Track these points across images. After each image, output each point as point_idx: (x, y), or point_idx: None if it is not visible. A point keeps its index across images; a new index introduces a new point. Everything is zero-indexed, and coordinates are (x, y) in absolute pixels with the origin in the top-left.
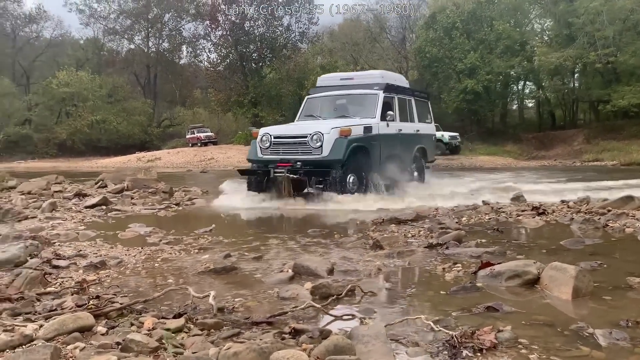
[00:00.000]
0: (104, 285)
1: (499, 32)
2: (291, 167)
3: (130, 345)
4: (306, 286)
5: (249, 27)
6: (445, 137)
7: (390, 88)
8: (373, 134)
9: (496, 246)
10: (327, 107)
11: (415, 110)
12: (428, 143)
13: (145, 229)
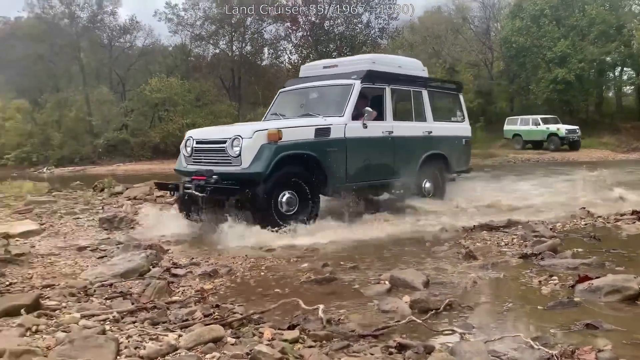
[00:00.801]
0: (220, 294)
1: (592, 17)
2: (203, 183)
3: (258, 356)
4: (405, 299)
5: (328, 26)
6: (561, 131)
7: (377, 76)
8: (331, 138)
9: (594, 256)
10: (296, 103)
11: (429, 105)
12: (451, 148)
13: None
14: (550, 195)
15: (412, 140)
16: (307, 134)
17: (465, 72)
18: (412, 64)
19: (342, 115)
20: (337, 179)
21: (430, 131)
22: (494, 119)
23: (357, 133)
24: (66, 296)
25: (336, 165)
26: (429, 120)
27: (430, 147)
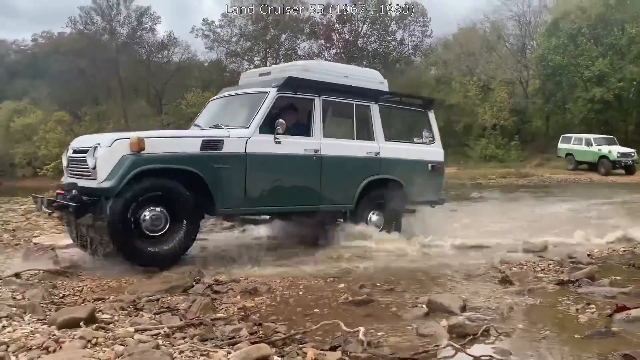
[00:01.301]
0: (262, 312)
1: (632, 36)
2: (62, 197)
3: None
4: (442, 324)
5: (362, 43)
6: (612, 153)
7: (302, 85)
8: (224, 152)
9: (632, 285)
10: (216, 112)
11: (380, 122)
12: (410, 174)
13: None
14: (572, 222)
15: (350, 161)
16: (191, 146)
17: (499, 89)
18: (363, 74)
19: (248, 127)
20: (230, 200)
21: (377, 152)
22: (528, 137)
23: (265, 149)
24: (117, 310)
25: (229, 185)
26: (379, 139)
27: (378, 171)
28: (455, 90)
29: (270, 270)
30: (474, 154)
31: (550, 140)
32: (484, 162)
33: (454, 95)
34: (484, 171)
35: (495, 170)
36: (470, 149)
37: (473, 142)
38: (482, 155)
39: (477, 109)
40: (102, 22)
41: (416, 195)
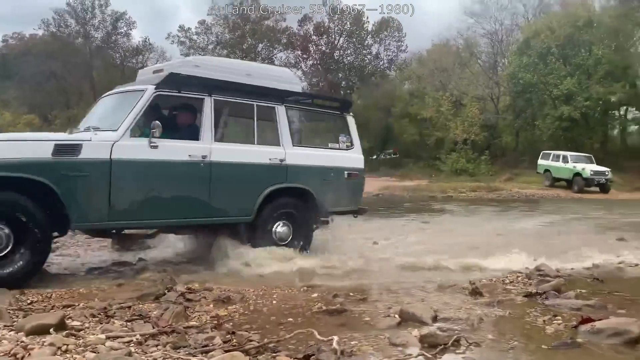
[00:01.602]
0: (235, 321)
1: (598, 57)
2: None
3: None
4: (414, 333)
5: (338, 56)
6: (586, 171)
7: (187, 83)
8: (82, 158)
9: (596, 297)
10: (98, 112)
11: (287, 125)
12: (323, 182)
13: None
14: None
15: (248, 169)
16: (40, 152)
17: (471, 105)
18: (270, 73)
19: (117, 129)
20: (89, 214)
21: (282, 159)
22: (498, 153)
23: (137, 155)
24: (87, 317)
25: (88, 196)
26: (285, 144)
27: (283, 179)
28: (429, 104)
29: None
30: (446, 167)
31: (519, 155)
32: (455, 175)
33: (427, 109)
34: (455, 184)
35: (465, 184)
36: (442, 163)
37: (445, 155)
38: (453, 168)
39: (449, 123)
40: (76, 26)
41: (331, 204)
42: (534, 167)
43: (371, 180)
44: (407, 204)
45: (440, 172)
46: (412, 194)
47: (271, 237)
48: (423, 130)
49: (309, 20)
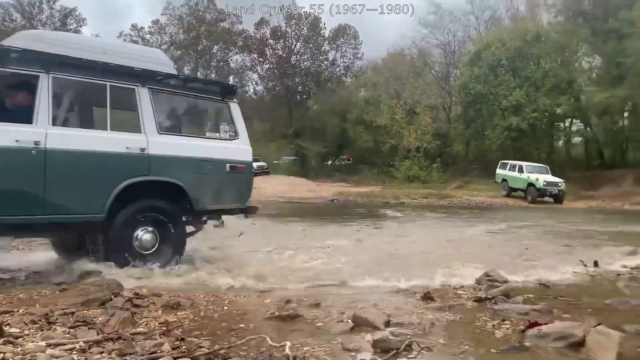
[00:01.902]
0: (185, 327)
1: (546, 70)
2: None
3: None
4: (367, 338)
5: (295, 60)
6: (539, 182)
7: (18, 58)
8: None
9: (543, 302)
10: None
11: (151, 110)
12: (199, 176)
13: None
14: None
15: (97, 158)
16: None
17: (424, 114)
18: (133, 51)
19: None
20: None
21: (144, 147)
22: (450, 161)
23: None
24: (27, 323)
25: None
26: (148, 131)
27: (145, 171)
28: (383, 112)
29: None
30: (399, 174)
31: (469, 164)
32: (408, 182)
33: (382, 117)
34: (408, 191)
35: (418, 191)
36: (396, 170)
37: (398, 162)
38: (406, 175)
39: (403, 131)
40: (22, 20)
41: (209, 202)
42: (483, 175)
43: (326, 185)
44: (361, 209)
45: (393, 178)
46: (366, 199)
47: (131, 246)
48: (378, 137)
49: (266, 23)
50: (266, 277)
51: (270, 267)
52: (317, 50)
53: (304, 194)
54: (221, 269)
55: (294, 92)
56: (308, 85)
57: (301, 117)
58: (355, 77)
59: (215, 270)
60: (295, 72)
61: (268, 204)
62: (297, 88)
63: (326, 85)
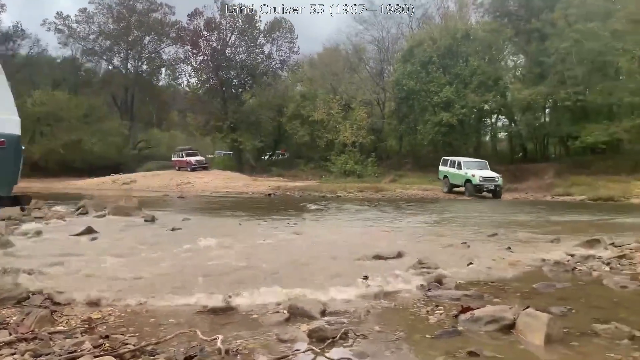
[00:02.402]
0: (110, 323)
1: (474, 68)
2: None
3: None
4: (303, 328)
5: (230, 53)
6: (475, 177)
7: None
8: None
9: (474, 288)
10: None
11: None
12: None
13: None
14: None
15: None
16: None
17: (359, 109)
18: None
19: None
20: None
21: None
22: (384, 155)
23: None
24: None
25: None
26: None
27: None
28: (319, 107)
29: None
30: (335, 168)
31: (402, 158)
32: (344, 176)
33: (318, 111)
34: (344, 185)
35: (354, 185)
36: (332, 164)
37: (334, 157)
38: (342, 170)
39: (339, 126)
40: None
41: None
42: (416, 169)
43: (263, 180)
44: (299, 203)
45: (330, 173)
46: (303, 194)
47: None
48: (314, 131)
49: (200, 15)
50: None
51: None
52: (253, 43)
53: (240, 189)
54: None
55: (229, 85)
56: (243, 78)
57: (237, 110)
58: (291, 71)
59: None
60: (230, 65)
61: (202, 199)
62: (232, 81)
63: (262, 79)
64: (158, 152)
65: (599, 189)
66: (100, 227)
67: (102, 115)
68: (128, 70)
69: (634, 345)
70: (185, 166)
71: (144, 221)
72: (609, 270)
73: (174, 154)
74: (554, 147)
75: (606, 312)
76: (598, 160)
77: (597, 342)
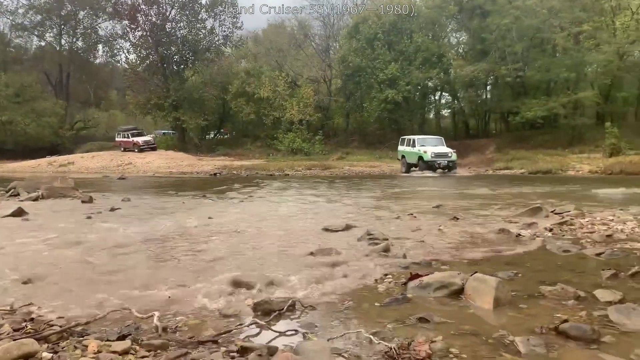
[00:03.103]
0: (35, 304)
1: (418, 45)
2: None
3: None
4: (247, 302)
5: (170, 28)
6: (427, 154)
7: None
8: None
9: (422, 256)
10: None
11: None
12: None
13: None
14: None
15: None
16: None
17: (306, 86)
18: None
19: None
20: None
21: None
22: (331, 133)
23: None
24: None
25: None
26: None
27: None
28: (265, 84)
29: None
30: (282, 146)
31: (349, 135)
32: (292, 154)
33: (264, 89)
34: (292, 163)
35: (301, 163)
36: (279, 142)
37: (281, 135)
38: (289, 148)
39: (285, 103)
40: None
41: None
42: (362, 146)
43: (208, 159)
44: (244, 182)
45: (277, 151)
46: (250, 172)
47: None
48: (260, 109)
49: None
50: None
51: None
52: (194, 18)
53: (184, 169)
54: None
55: (170, 62)
56: (185, 54)
57: (179, 88)
58: (235, 47)
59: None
60: (170, 41)
61: (142, 180)
62: (173, 58)
63: (204, 55)
64: (97, 133)
65: (537, 163)
66: (31, 209)
67: (35, 95)
68: (62, 47)
69: (579, 305)
70: (132, 147)
71: (80, 202)
72: (551, 236)
73: (117, 134)
74: (495, 123)
75: (551, 275)
76: (536, 135)
77: (545, 304)
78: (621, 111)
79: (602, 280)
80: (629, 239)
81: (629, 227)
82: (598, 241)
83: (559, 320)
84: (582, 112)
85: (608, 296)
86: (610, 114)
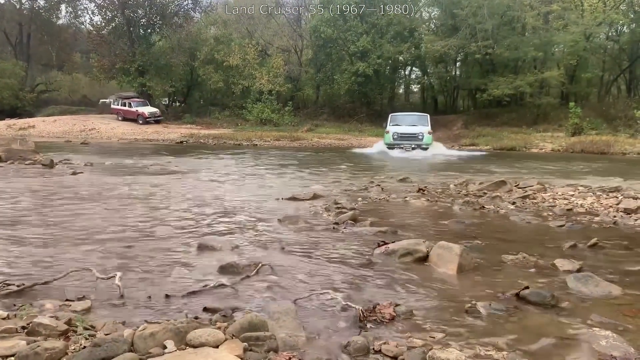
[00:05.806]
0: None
1: (390, 17)
2: None
3: (37, 329)
4: (213, 264)
5: None
6: (389, 135)
7: None
8: None
9: (387, 226)
10: None
11: None
12: None
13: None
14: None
15: None
16: None
17: (276, 56)
18: None
19: None
20: None
21: None
22: (301, 104)
23: None
24: None
25: None
26: None
27: None
28: (235, 52)
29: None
30: (251, 116)
31: (319, 108)
32: (261, 125)
33: (233, 56)
34: (261, 133)
35: (270, 133)
36: (248, 112)
37: (250, 105)
38: (258, 118)
39: (255, 72)
40: None
41: None
42: (332, 119)
43: (174, 127)
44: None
45: (246, 121)
46: (217, 141)
47: None
48: (229, 78)
49: None
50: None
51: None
52: None
53: (149, 136)
54: None
55: (136, 25)
56: (152, 18)
57: (145, 53)
58: (204, 12)
59: None
60: (137, 3)
61: (108, 146)
62: (140, 21)
63: (172, 20)
64: (59, 97)
65: (502, 140)
66: None
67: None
68: (22, 5)
69: (540, 273)
70: (135, 117)
71: (41, 166)
72: (514, 209)
73: (114, 100)
74: (463, 100)
75: (513, 245)
76: (503, 112)
77: (507, 271)
78: (585, 92)
79: (562, 251)
80: (588, 212)
81: (588, 202)
82: (559, 214)
83: (520, 287)
84: (547, 92)
85: (567, 265)
86: (575, 94)
